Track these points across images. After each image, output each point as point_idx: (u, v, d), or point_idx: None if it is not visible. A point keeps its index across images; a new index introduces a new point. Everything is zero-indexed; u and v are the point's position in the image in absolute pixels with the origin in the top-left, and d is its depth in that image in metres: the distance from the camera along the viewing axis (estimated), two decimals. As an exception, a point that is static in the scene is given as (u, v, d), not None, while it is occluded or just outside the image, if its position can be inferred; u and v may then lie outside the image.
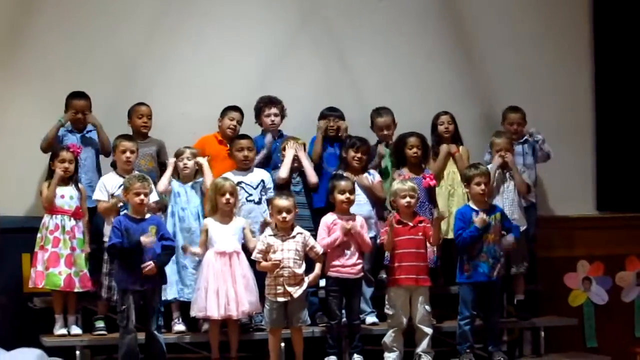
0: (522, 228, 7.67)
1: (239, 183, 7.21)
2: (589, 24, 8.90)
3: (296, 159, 7.43)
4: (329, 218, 7.15)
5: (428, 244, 7.22)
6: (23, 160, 7.58)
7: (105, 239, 6.99)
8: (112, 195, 7.11)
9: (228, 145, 7.58)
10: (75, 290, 7.01)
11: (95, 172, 7.51)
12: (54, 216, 7.04)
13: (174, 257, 7.03)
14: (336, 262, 7.05)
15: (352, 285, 7.08)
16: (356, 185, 7.32)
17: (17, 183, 7.55)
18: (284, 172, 7.37)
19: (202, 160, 7.33)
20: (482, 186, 7.23)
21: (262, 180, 7.39)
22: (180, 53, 8.07)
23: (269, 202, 7.08)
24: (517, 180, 7.67)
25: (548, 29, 8.81)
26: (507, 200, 7.62)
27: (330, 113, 7.86)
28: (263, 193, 7.36)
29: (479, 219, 7.13)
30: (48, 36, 7.81)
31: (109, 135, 7.48)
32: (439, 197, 7.73)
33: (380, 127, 7.92)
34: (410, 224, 7.13)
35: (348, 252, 7.05)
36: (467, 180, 7.33)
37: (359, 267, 7.09)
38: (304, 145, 7.57)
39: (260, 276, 6.95)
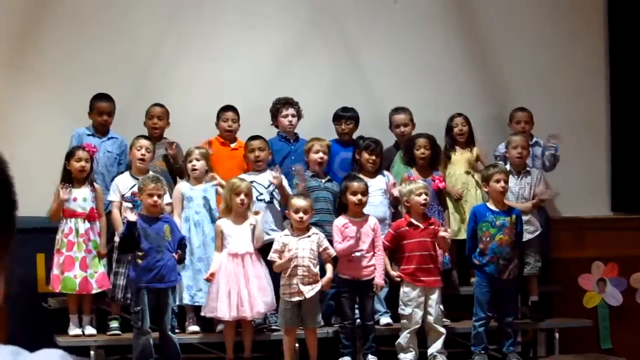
0: (536, 233, 7.68)
1: (251, 182, 7.18)
2: (603, 24, 8.86)
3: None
4: (340, 221, 7.10)
5: (438, 247, 7.18)
6: (38, 161, 7.58)
7: (116, 238, 7.00)
8: (123, 197, 7.10)
9: (230, 145, 7.64)
10: (93, 291, 6.99)
11: (109, 178, 7.45)
12: (68, 219, 7.02)
13: (187, 262, 7.03)
14: (347, 265, 7.02)
15: (364, 287, 7.05)
16: (370, 186, 7.30)
17: (31, 184, 7.53)
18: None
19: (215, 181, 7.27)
20: (502, 183, 7.17)
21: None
22: (192, 55, 8.07)
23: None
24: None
25: (562, 29, 8.77)
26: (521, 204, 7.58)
27: (344, 114, 7.84)
28: (275, 193, 7.34)
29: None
30: (60, 41, 7.83)
31: (125, 138, 7.50)
32: (451, 199, 7.72)
33: (397, 125, 7.89)
34: (422, 226, 7.10)
35: (358, 254, 7.02)
36: (485, 180, 7.28)
37: (371, 268, 7.06)
38: (329, 146, 7.53)
39: (276, 277, 6.94)
